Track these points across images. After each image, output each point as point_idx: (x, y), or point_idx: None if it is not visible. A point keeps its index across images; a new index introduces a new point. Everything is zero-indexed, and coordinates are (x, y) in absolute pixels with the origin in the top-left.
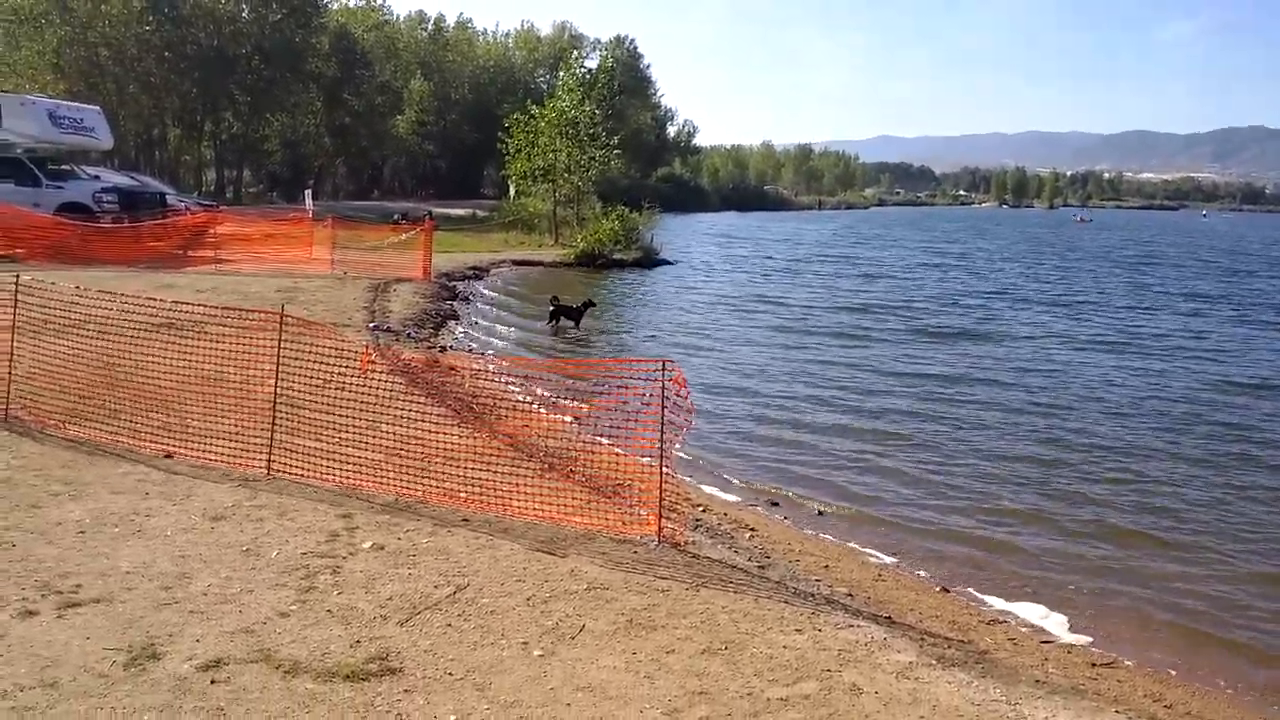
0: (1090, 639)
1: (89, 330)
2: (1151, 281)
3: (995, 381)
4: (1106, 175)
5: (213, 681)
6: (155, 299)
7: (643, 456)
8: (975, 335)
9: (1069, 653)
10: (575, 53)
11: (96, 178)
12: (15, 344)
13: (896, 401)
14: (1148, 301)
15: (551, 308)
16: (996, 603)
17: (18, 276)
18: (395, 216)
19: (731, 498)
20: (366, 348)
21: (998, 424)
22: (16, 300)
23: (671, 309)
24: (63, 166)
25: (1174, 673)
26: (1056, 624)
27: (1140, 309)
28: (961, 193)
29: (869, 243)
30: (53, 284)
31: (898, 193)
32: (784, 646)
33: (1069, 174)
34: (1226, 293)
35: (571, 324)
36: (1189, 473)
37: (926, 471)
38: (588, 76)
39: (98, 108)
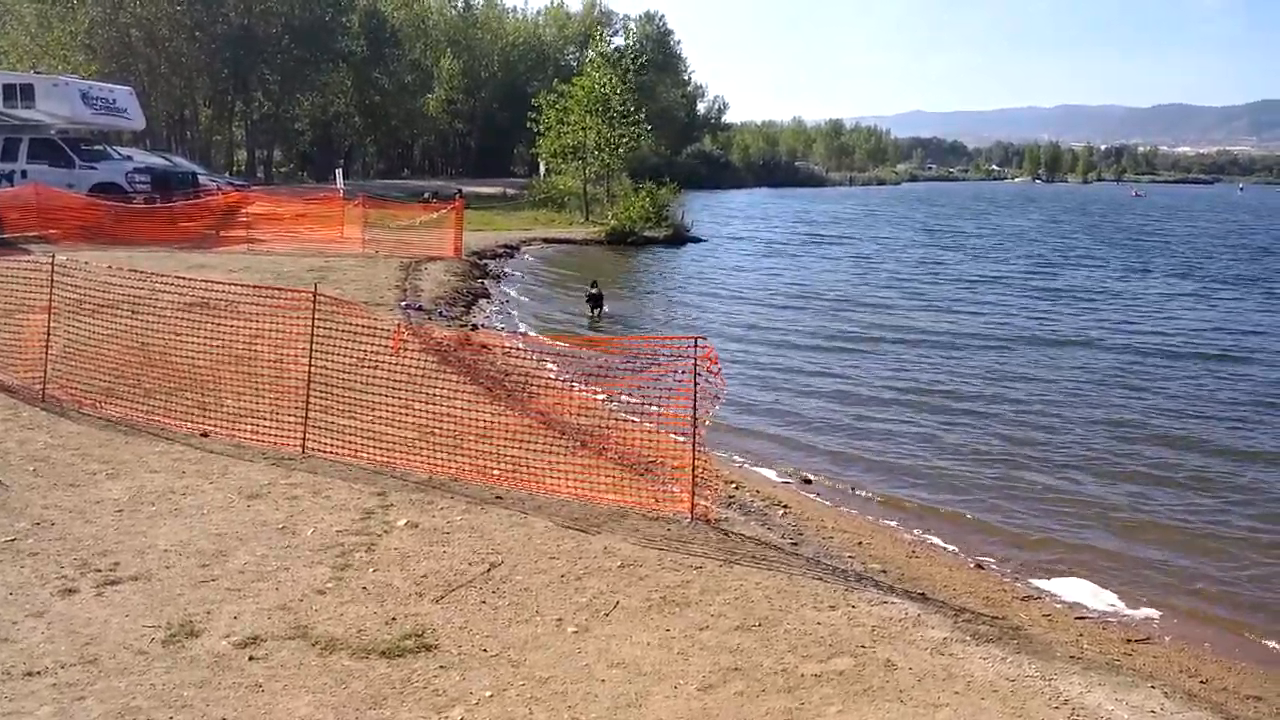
0: (1125, 615)
1: (123, 310)
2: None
3: (1036, 360)
4: (1141, 149)
5: (250, 658)
6: (188, 278)
7: (675, 434)
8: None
9: (1104, 629)
10: (603, 29)
11: (129, 158)
12: (51, 324)
13: (930, 380)
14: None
15: (592, 292)
16: (1031, 579)
17: (53, 257)
18: (426, 195)
19: (765, 475)
20: (399, 326)
21: (1034, 402)
22: (53, 281)
23: (701, 287)
24: (95, 147)
25: (1209, 648)
26: (1091, 600)
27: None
28: (994, 167)
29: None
30: (87, 264)
31: (930, 168)
32: (818, 623)
33: (1103, 148)
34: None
35: (599, 309)
36: (1220, 451)
37: (960, 449)
38: (616, 54)
39: (129, 88)
